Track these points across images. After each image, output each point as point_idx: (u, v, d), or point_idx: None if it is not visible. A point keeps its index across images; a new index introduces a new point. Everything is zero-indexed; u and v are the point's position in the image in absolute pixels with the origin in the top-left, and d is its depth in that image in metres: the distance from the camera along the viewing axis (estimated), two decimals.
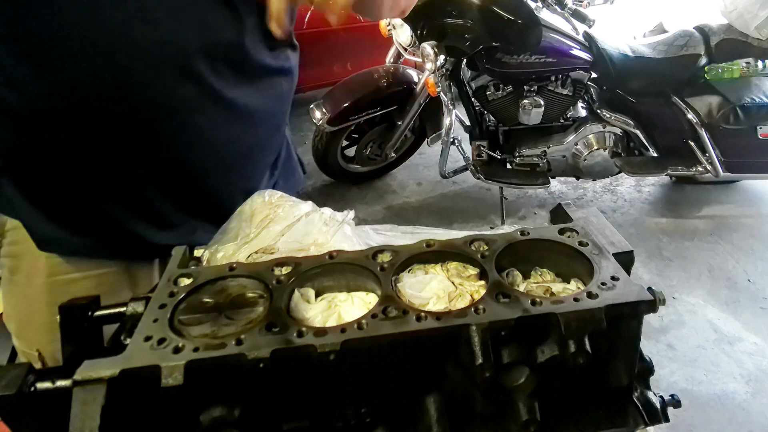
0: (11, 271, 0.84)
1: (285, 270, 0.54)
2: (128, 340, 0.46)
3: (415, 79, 2.90)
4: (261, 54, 0.78)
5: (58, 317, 0.54)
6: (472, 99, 2.82)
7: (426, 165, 3.48)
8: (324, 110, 2.82)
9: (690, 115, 2.72)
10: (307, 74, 3.12)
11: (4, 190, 0.76)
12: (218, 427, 0.44)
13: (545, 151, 2.82)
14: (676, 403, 0.55)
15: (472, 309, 0.48)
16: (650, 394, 0.55)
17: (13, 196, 0.76)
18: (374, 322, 0.46)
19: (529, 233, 0.59)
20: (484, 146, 2.85)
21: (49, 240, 0.79)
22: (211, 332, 0.47)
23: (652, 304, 0.48)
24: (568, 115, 2.88)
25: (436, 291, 0.52)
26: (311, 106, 2.87)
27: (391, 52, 3.05)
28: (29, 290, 0.67)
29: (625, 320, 0.49)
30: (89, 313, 0.56)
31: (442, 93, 2.64)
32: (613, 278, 0.51)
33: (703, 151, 2.75)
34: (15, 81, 0.66)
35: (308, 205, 0.68)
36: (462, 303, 0.51)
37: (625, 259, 0.57)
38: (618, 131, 2.82)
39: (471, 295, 0.52)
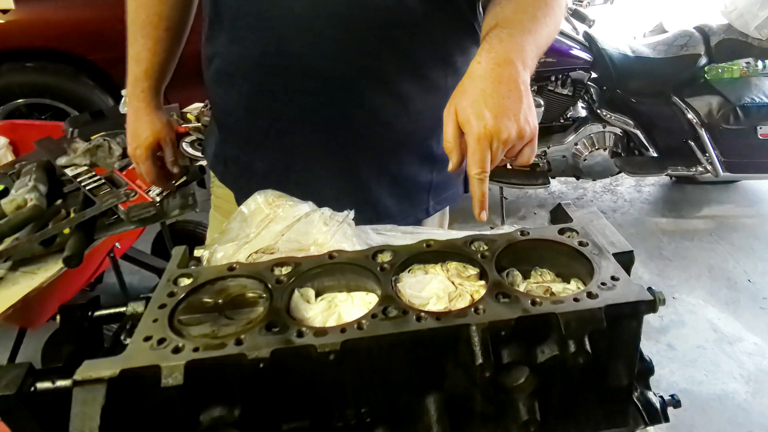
0: (215, 208, 1.05)
1: (285, 270, 0.54)
2: (128, 340, 0.46)
3: None
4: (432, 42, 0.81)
5: (58, 318, 0.54)
6: None
7: None
8: None
9: (690, 115, 2.71)
10: None
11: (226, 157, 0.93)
12: (218, 427, 0.44)
13: (545, 151, 2.82)
14: (676, 403, 0.55)
15: (472, 309, 0.47)
16: (650, 394, 0.55)
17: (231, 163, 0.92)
18: (374, 322, 0.46)
19: (529, 233, 0.59)
20: None
21: None
22: (211, 332, 0.47)
23: (652, 304, 0.48)
24: (568, 115, 2.87)
25: (436, 291, 0.52)
26: None
27: None
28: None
29: (625, 320, 0.49)
30: (89, 313, 0.56)
31: None
32: (613, 278, 0.51)
33: (703, 151, 2.75)
34: (219, 49, 0.82)
35: (308, 205, 0.67)
36: (462, 303, 0.51)
37: (625, 259, 0.57)
38: (618, 131, 2.82)
39: (471, 295, 0.52)
